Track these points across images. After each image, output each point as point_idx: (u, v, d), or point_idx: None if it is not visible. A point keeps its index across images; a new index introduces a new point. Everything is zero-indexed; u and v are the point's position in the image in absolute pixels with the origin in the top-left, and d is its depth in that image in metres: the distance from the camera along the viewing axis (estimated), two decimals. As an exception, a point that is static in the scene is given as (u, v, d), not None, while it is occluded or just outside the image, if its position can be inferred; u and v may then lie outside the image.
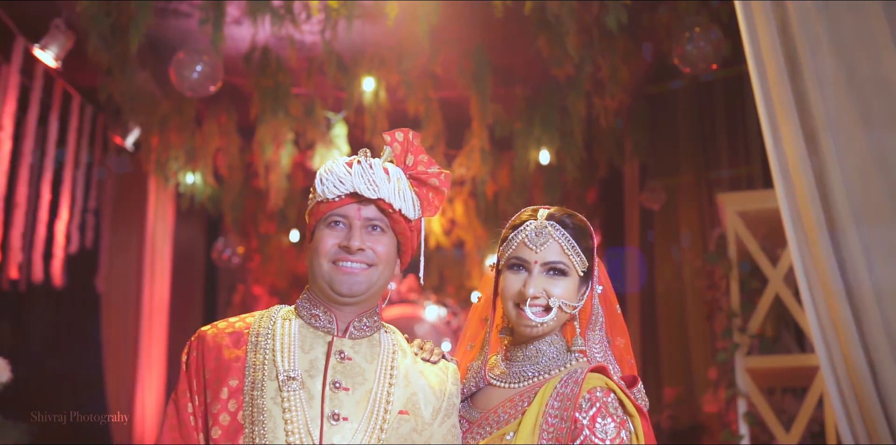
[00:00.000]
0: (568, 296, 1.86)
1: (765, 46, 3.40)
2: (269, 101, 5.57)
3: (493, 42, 5.86)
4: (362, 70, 5.55)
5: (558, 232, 1.88)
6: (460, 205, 7.20)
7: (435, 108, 5.89)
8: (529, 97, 6.07)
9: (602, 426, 1.70)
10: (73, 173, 6.87)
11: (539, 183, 6.88)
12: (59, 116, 6.69)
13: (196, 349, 1.79)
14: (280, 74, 5.58)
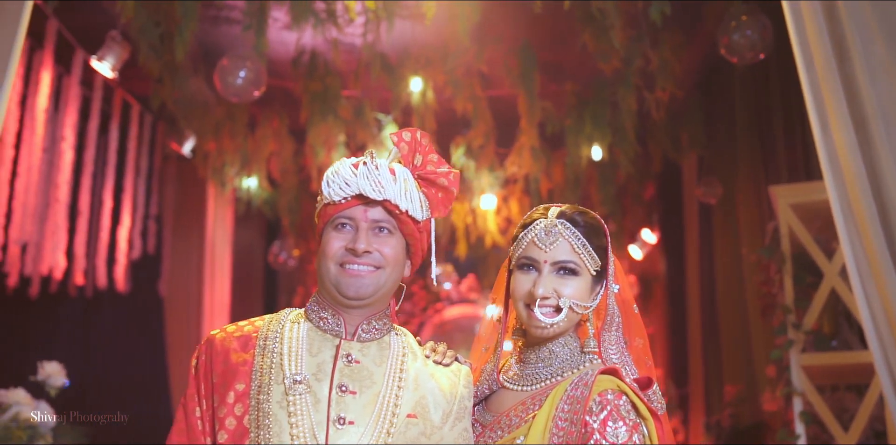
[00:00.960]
0: (579, 296, 1.82)
1: (811, 33, 3.29)
2: (317, 104, 5.60)
3: (541, 38, 5.81)
4: (408, 70, 5.54)
5: (568, 231, 1.83)
6: (515, 204, 7.14)
7: (484, 106, 5.85)
8: (579, 93, 5.99)
9: (613, 429, 1.65)
10: (134, 180, 7.04)
11: (594, 179, 6.79)
12: (119, 125, 6.86)
13: (205, 353, 1.80)
14: (328, 77, 5.61)
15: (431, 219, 1.87)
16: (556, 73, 6.21)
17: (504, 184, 6.78)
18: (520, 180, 6.62)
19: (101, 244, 6.58)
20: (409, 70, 5.54)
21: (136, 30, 4.80)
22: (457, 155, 6.31)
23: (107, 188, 6.70)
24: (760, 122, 5.80)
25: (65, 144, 6.11)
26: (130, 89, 6.73)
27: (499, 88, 5.91)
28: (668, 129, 6.31)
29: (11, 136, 5.74)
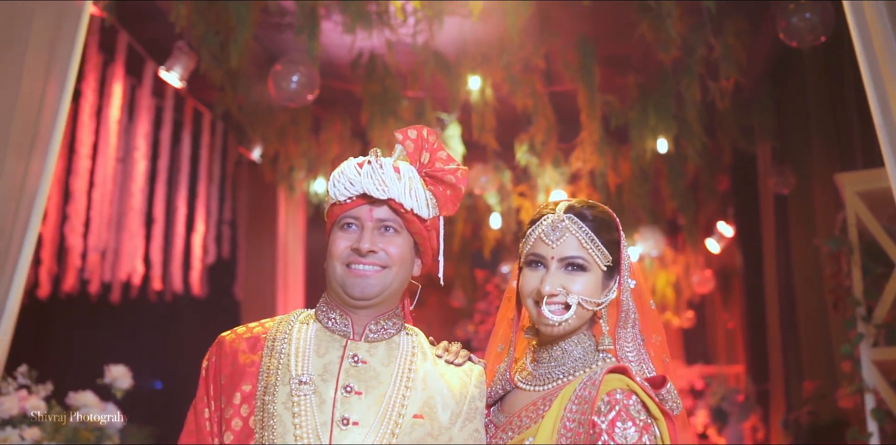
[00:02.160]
0: (588, 292, 1.76)
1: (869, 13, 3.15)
2: (377, 105, 5.63)
3: (602, 31, 5.72)
4: (466, 69, 5.52)
5: (575, 225, 1.78)
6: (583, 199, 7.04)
7: (545, 102, 5.79)
8: (642, 85, 5.87)
9: (622, 430, 1.59)
10: (207, 187, 7.20)
11: (663, 173, 6.65)
12: (191, 133, 7.03)
13: (214, 354, 1.81)
14: (387, 78, 5.63)
15: (440, 217, 1.85)
16: (620, 65, 6.11)
17: (570, 180, 6.69)
18: (584, 176, 6.53)
19: (176, 250, 6.75)
20: (466, 68, 5.52)
21: (196, 39, 4.90)
22: (521, 152, 6.26)
23: (180, 195, 6.87)
24: (834, 107, 5.58)
25: (138, 153, 6.29)
26: (201, 98, 6.88)
27: (560, 84, 5.84)
28: (737, 118, 6.14)
29: (87, 147, 5.94)
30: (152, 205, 6.57)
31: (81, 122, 5.78)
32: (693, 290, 8.71)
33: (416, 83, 5.45)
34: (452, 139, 6.14)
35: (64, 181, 5.92)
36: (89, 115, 5.84)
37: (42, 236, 5.96)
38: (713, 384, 7.91)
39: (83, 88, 5.85)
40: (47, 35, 3.50)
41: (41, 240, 5.97)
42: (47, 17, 3.50)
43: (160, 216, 6.60)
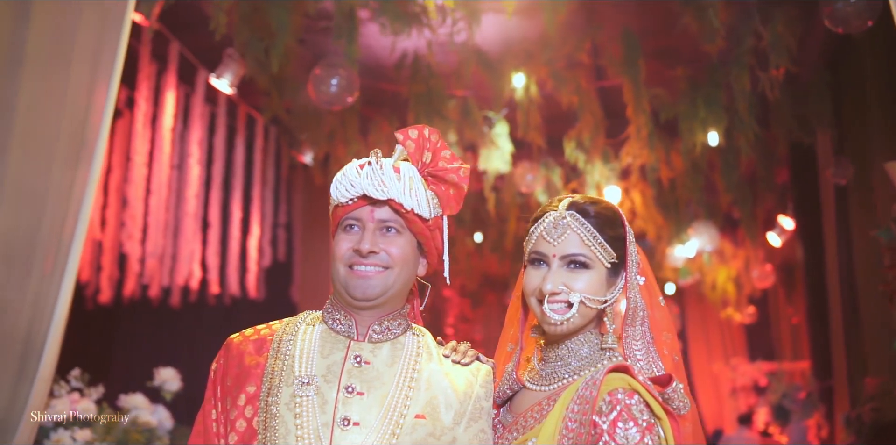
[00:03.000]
0: (591, 290, 1.73)
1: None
2: (422, 106, 5.64)
3: (648, 24, 5.64)
4: (509, 66, 5.49)
5: (577, 222, 1.75)
6: (637, 195, 6.95)
7: (591, 98, 5.73)
8: (691, 77, 5.77)
9: (623, 430, 1.55)
10: (262, 191, 7.31)
11: (717, 166, 6.53)
12: (244, 138, 7.14)
13: (223, 356, 1.83)
14: (432, 79, 5.63)
15: (444, 216, 1.84)
16: (668, 58, 6.01)
17: (621, 176, 6.61)
18: (635, 171, 6.44)
19: (233, 254, 6.86)
20: (510, 66, 5.49)
21: (240, 45, 4.97)
22: (569, 149, 6.20)
23: (235, 200, 6.99)
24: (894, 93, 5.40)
25: (192, 159, 6.42)
26: (253, 103, 6.98)
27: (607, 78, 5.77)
28: (792, 108, 5.99)
29: (143, 155, 6.08)
30: (208, 210, 6.69)
31: (135, 131, 5.92)
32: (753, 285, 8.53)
33: (460, 82, 5.44)
34: (500, 138, 6.12)
35: (121, 189, 6.07)
36: (143, 123, 5.98)
37: (102, 243, 6.12)
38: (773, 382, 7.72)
39: (136, 98, 6.00)
40: (90, 48, 3.59)
41: (101, 247, 6.13)
42: (90, 30, 3.59)
43: (216, 221, 6.72)
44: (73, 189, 3.46)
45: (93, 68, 3.59)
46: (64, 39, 3.55)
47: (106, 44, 3.62)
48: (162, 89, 6.17)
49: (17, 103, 3.43)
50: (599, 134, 5.97)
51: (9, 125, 3.42)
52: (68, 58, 3.56)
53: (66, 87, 3.54)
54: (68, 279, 3.40)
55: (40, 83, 3.48)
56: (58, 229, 3.41)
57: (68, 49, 3.56)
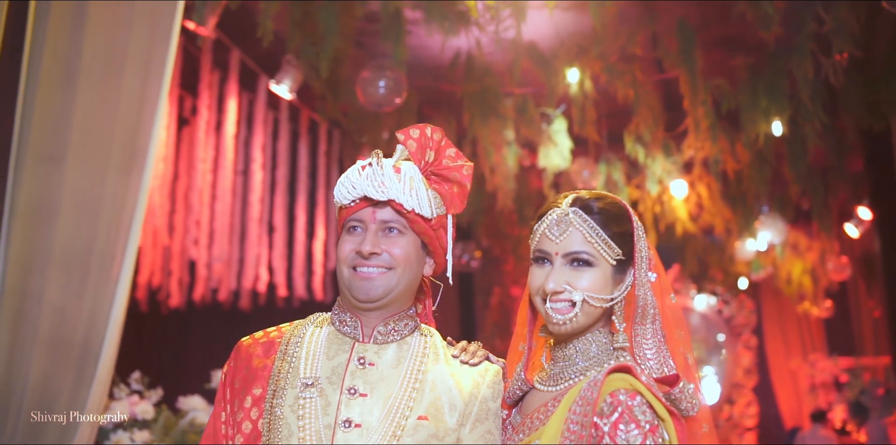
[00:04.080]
0: (595, 288, 1.68)
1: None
2: (476, 105, 5.62)
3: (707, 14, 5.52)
4: (562, 62, 5.44)
5: (580, 219, 1.71)
6: (703, 188, 6.80)
7: (648, 91, 5.63)
8: (752, 65, 5.62)
9: (624, 433, 1.51)
10: (326, 194, 7.39)
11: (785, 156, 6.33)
12: (307, 142, 7.24)
13: (233, 359, 1.85)
14: (486, 77, 5.61)
15: (448, 215, 1.83)
16: (729, 47, 5.87)
17: (684, 169, 6.48)
18: (697, 165, 6.30)
19: (298, 257, 6.96)
20: (563, 61, 5.43)
21: (293, 51, 5.04)
22: (630, 143, 6.11)
23: (300, 203, 7.08)
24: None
25: (255, 164, 6.53)
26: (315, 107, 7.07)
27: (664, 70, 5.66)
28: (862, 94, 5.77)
29: (208, 162, 6.23)
30: (273, 214, 6.80)
31: (197, 138, 6.07)
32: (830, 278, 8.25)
33: (513, 80, 5.41)
34: (558, 134, 6.07)
35: (187, 196, 6.22)
36: (207, 131, 6.13)
37: (170, 248, 6.29)
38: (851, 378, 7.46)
39: (199, 106, 6.14)
40: (141, 59, 3.69)
41: (169, 252, 6.30)
42: (140, 42, 3.69)
43: (281, 225, 6.82)
44: (127, 197, 3.56)
45: (143, 79, 3.69)
46: (116, 52, 3.66)
47: (155, 55, 3.71)
48: (224, 97, 6.30)
49: (74, 115, 3.55)
50: (658, 127, 5.86)
51: (66, 137, 3.55)
52: (121, 70, 3.67)
53: (119, 98, 3.65)
54: (123, 284, 3.50)
55: (95, 95, 3.59)
56: (113, 236, 3.51)
57: (120, 61, 3.66)
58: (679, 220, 6.93)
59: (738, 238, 7.48)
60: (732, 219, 6.91)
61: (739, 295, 9.20)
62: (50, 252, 3.41)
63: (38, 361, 3.31)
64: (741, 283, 8.55)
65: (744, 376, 9.27)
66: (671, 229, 7.00)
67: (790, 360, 9.32)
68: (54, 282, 3.40)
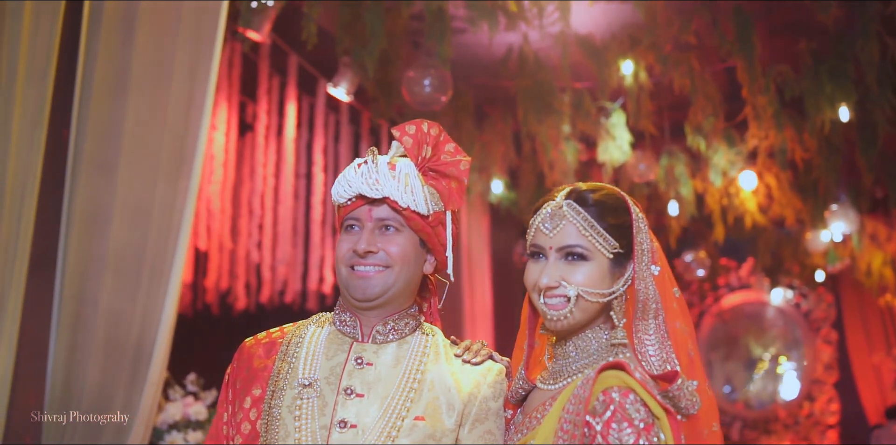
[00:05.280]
0: (591, 283, 1.63)
1: None
2: (531, 101, 5.57)
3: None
4: (615, 54, 5.34)
5: (573, 211, 1.66)
6: (771, 178, 6.59)
7: (705, 80, 5.48)
8: (815, 51, 5.42)
9: (617, 432, 1.45)
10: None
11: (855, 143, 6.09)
12: (368, 144, 7.28)
13: (236, 360, 1.86)
14: (540, 72, 5.55)
15: (447, 212, 1.80)
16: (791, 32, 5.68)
17: (748, 159, 6.29)
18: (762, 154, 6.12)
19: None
20: (615, 53, 5.34)
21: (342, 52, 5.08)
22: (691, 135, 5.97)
23: (363, 205, 7.11)
24: None
25: (317, 167, 6.60)
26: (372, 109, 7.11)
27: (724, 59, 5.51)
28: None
29: (269, 166, 6.33)
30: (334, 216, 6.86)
31: (258, 143, 6.16)
32: (913, 268, 7.92)
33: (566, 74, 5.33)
34: (616, 128, 5.97)
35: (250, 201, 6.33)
36: (267, 136, 6.22)
37: (235, 252, 6.40)
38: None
39: (258, 111, 6.24)
40: (187, 67, 3.77)
41: (234, 256, 6.42)
42: (186, 51, 3.77)
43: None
44: (175, 202, 3.64)
45: (190, 86, 3.77)
46: (164, 61, 3.75)
47: (201, 62, 3.79)
48: (284, 101, 6.39)
49: (125, 124, 3.65)
50: (719, 118, 5.71)
51: (117, 145, 3.65)
52: (168, 78, 3.76)
53: (167, 105, 3.74)
54: (173, 287, 3.58)
55: (144, 104, 3.69)
56: (162, 241, 3.60)
57: (168, 70, 3.76)
58: (748, 212, 6.74)
59: (811, 229, 7.24)
60: (804, 210, 6.69)
61: (817, 288, 8.91)
62: (104, 258, 3.52)
63: (94, 364, 3.41)
64: (818, 276, 8.28)
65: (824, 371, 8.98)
66: (740, 222, 6.82)
67: (873, 355, 8.97)
68: (108, 287, 3.51)
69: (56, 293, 3.47)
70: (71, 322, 3.44)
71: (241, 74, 6.04)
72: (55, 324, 3.43)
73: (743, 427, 8.98)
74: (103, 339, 3.44)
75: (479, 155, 6.60)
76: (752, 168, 6.40)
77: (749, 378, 9.19)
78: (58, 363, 3.40)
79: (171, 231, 3.61)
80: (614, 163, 6.05)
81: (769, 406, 9.04)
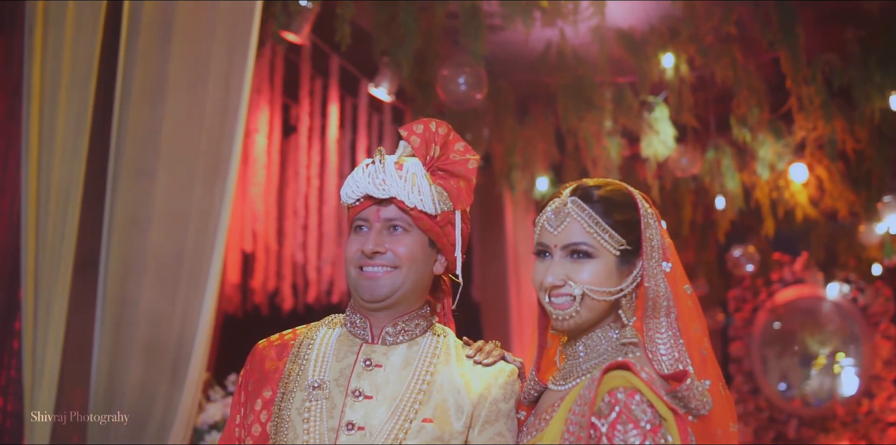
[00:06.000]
0: (597, 281, 1.60)
1: None
2: (570, 97, 5.52)
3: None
4: (654, 47, 5.26)
5: (578, 209, 1.63)
6: (822, 170, 6.43)
7: (750, 71, 5.37)
8: (863, 39, 5.28)
9: (622, 433, 1.42)
10: (435, 193, 7.42)
11: (909, 134, 5.92)
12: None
13: (249, 362, 1.86)
14: (580, 67, 5.50)
15: (456, 211, 1.79)
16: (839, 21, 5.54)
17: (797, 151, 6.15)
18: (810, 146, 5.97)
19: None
20: (654, 46, 5.26)
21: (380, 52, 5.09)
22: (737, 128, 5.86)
23: (407, 204, 7.12)
24: None
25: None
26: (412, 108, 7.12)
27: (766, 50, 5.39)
28: None
29: (314, 168, 6.38)
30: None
31: (300, 145, 6.21)
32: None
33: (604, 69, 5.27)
34: (660, 122, 5.88)
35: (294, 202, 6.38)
36: (309, 137, 6.27)
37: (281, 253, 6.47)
38: None
39: (300, 113, 6.29)
40: (223, 71, 3.82)
41: (281, 257, 6.48)
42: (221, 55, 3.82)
43: (388, 225, 6.87)
44: (212, 205, 3.69)
45: (225, 90, 3.81)
46: (200, 66, 3.80)
47: (235, 66, 3.83)
48: (327, 103, 6.43)
49: (163, 129, 3.71)
50: (764, 110, 5.58)
51: (156, 150, 3.71)
52: (204, 82, 3.81)
53: (204, 110, 3.79)
54: (211, 289, 3.62)
55: (181, 109, 3.74)
56: (200, 244, 3.65)
57: (204, 74, 3.81)
58: (799, 205, 6.59)
59: (865, 222, 7.05)
60: (857, 202, 6.52)
61: (875, 282, 8.67)
62: (144, 261, 3.58)
63: (135, 365, 3.48)
64: (874, 269, 8.05)
65: (883, 367, 8.73)
66: (790, 216, 6.67)
67: (941, 353, 8.71)
68: (149, 289, 3.57)
69: (99, 296, 3.55)
70: (113, 324, 3.51)
71: (283, 76, 6.09)
72: (98, 326, 3.50)
73: (800, 425, 8.79)
74: (144, 340, 3.50)
75: (522, 152, 6.57)
76: (801, 160, 6.26)
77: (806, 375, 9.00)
78: (101, 365, 3.47)
79: (208, 234, 3.66)
80: (658, 158, 5.96)
81: (827, 404, 8.84)
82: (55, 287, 3.42)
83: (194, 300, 3.58)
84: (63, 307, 3.40)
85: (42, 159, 3.50)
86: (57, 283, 3.43)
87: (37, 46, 3.54)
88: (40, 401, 3.38)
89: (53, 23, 3.51)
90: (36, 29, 3.53)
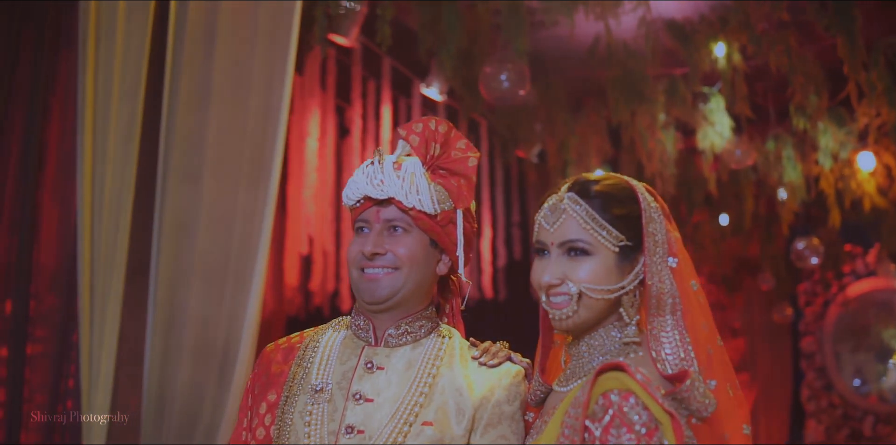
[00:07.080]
0: (595, 279, 1.55)
1: None
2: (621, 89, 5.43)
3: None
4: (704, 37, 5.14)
5: (574, 204, 1.58)
6: (889, 158, 6.20)
7: (806, 58, 5.21)
8: (925, 21, 5.08)
9: (616, 437, 1.37)
10: (491, 191, 7.40)
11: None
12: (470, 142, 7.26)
13: (256, 366, 1.87)
14: (630, 60, 5.41)
15: (457, 210, 1.76)
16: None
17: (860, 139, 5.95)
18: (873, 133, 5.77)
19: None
20: (705, 36, 5.14)
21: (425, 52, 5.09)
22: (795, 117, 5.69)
23: (464, 202, 7.11)
24: None
25: (414, 168, 6.62)
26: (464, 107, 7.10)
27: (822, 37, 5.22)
28: None
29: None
30: (434, 213, 6.87)
31: (352, 147, 6.25)
32: None
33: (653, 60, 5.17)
34: (715, 113, 5.75)
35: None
36: (361, 139, 6.30)
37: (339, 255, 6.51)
38: None
39: (353, 116, 6.32)
40: (264, 75, 3.87)
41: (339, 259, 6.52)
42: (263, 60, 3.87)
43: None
44: (256, 209, 3.74)
45: (267, 94, 3.86)
46: (242, 71, 3.86)
47: (276, 70, 3.88)
48: (380, 104, 6.45)
49: (208, 135, 3.78)
50: (823, 97, 5.41)
51: (202, 155, 3.78)
52: (247, 87, 3.86)
53: (247, 114, 3.84)
54: (256, 291, 3.67)
55: (225, 114, 3.80)
56: (245, 247, 3.70)
57: (247, 79, 3.86)
58: (866, 194, 6.37)
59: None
60: (927, 190, 6.27)
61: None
62: (192, 265, 3.65)
63: (185, 367, 3.54)
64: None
65: (957, 364, 8.39)
66: (858, 206, 6.45)
67: None
68: (197, 293, 3.63)
69: (150, 300, 3.62)
70: (164, 327, 3.58)
71: (335, 79, 6.13)
72: (150, 329, 3.58)
73: (876, 422, 8.49)
74: (193, 343, 3.56)
75: (576, 148, 6.50)
76: (864, 148, 6.05)
77: (882, 370, 8.68)
78: (153, 367, 3.54)
79: (252, 238, 3.70)
80: (715, 150, 5.83)
81: (905, 400, 8.53)
82: (109, 293, 3.51)
83: (240, 303, 3.63)
84: (116, 312, 3.49)
85: (96, 167, 3.60)
86: (111, 289, 3.52)
87: (90, 59, 3.64)
88: (97, 404, 3.47)
89: (105, 36, 3.60)
90: (89, 43, 3.64)
